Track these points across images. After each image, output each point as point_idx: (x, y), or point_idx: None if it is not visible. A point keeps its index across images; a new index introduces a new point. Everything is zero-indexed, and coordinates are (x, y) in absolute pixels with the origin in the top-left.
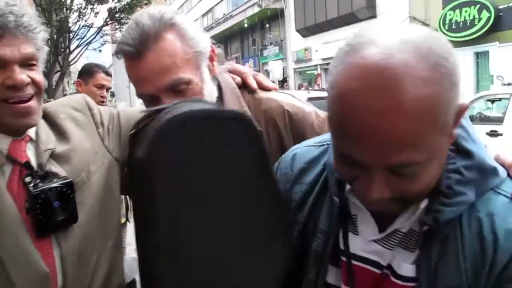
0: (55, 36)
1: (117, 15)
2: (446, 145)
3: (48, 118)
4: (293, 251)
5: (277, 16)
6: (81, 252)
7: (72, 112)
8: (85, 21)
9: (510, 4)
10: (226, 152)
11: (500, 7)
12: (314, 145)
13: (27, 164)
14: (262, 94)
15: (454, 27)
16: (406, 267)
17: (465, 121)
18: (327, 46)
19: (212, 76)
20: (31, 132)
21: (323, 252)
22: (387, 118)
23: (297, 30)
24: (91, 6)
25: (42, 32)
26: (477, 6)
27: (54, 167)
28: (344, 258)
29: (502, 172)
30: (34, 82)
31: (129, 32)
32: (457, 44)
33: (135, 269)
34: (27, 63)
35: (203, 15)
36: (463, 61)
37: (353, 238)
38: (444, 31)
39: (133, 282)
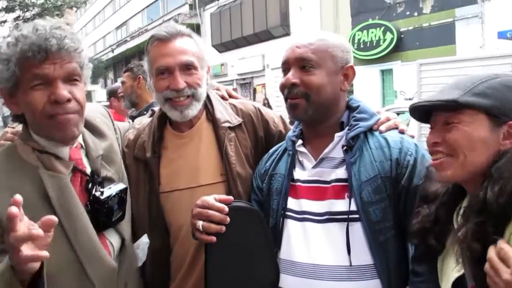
0: None
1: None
2: (335, 80)
3: (86, 122)
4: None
5: (193, 31)
6: (130, 242)
7: (102, 118)
8: None
9: (409, 28)
10: (249, 224)
11: (402, 30)
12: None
13: (92, 173)
14: (234, 101)
15: (362, 46)
16: (339, 172)
17: (358, 98)
18: (243, 61)
19: (206, 82)
20: (80, 139)
21: (281, 187)
22: (304, 43)
23: (213, 46)
24: None
25: (85, 51)
26: (382, 28)
27: (105, 170)
28: (296, 183)
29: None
30: (75, 99)
31: (163, 29)
32: (365, 62)
33: (145, 251)
34: (70, 78)
35: (117, 28)
36: (370, 77)
37: (302, 173)
38: (353, 50)
39: (144, 264)
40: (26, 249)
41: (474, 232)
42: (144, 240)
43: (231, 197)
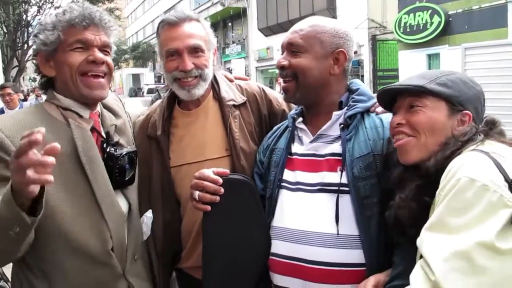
0: (12, 30)
1: None
2: (323, 64)
3: (102, 102)
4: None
5: (239, 15)
6: (137, 210)
7: (115, 101)
8: (45, 15)
9: (458, 11)
10: (242, 195)
11: (450, 12)
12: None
13: (107, 134)
14: (240, 82)
15: (408, 30)
16: (333, 147)
17: (358, 82)
18: None
19: (213, 64)
20: (99, 109)
21: (279, 159)
22: (296, 29)
23: (259, 29)
24: (51, 0)
25: (116, 31)
26: (429, 11)
27: (116, 137)
28: (293, 156)
29: None
30: (107, 64)
31: (172, 14)
32: (411, 46)
33: (149, 225)
34: (104, 49)
35: (165, 12)
36: (416, 61)
37: (300, 147)
38: (400, 34)
39: (154, 238)
40: (31, 173)
41: (415, 193)
42: (148, 215)
43: (227, 171)
